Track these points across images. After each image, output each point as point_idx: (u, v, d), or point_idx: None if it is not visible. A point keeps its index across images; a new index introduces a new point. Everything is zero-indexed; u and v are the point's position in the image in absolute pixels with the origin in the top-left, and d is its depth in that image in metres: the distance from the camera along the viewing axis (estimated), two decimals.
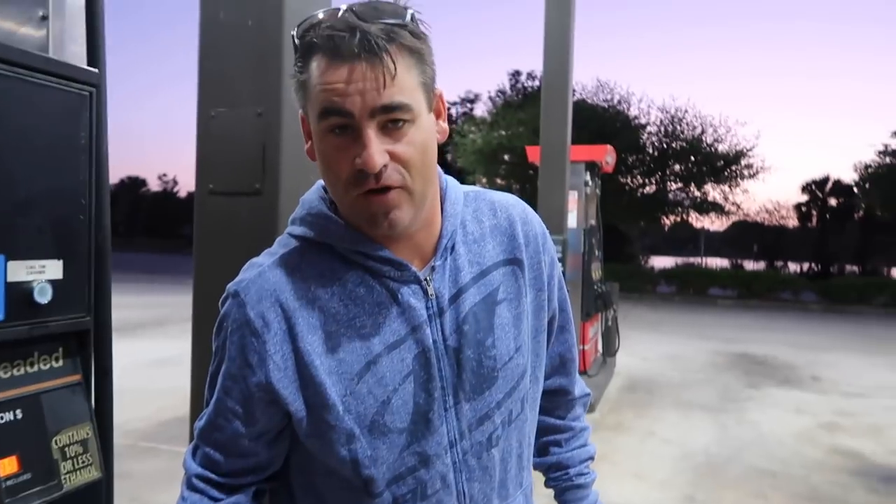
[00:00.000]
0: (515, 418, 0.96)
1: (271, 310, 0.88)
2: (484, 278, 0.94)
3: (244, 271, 0.93)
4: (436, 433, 0.89)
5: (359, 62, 0.78)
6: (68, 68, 1.01)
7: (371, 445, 0.87)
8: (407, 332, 0.88)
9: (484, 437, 0.92)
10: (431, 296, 0.90)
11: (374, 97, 0.79)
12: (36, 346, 0.98)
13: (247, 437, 0.92)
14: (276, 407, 0.89)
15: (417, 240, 0.91)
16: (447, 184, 0.97)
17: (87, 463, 1.03)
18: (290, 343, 0.87)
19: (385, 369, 0.87)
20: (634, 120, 22.50)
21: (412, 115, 0.82)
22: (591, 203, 8.03)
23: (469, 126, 24.33)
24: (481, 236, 0.96)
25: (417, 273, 0.90)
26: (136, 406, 5.93)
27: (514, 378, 0.94)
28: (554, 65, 6.64)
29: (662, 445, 5.31)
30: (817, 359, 9.57)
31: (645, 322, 13.30)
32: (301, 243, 0.92)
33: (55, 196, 1.00)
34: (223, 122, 1.86)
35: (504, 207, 1.01)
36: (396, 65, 0.79)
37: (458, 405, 0.90)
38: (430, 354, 0.89)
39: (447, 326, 0.90)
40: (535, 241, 1.01)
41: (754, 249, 32.76)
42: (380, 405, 0.87)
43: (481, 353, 0.91)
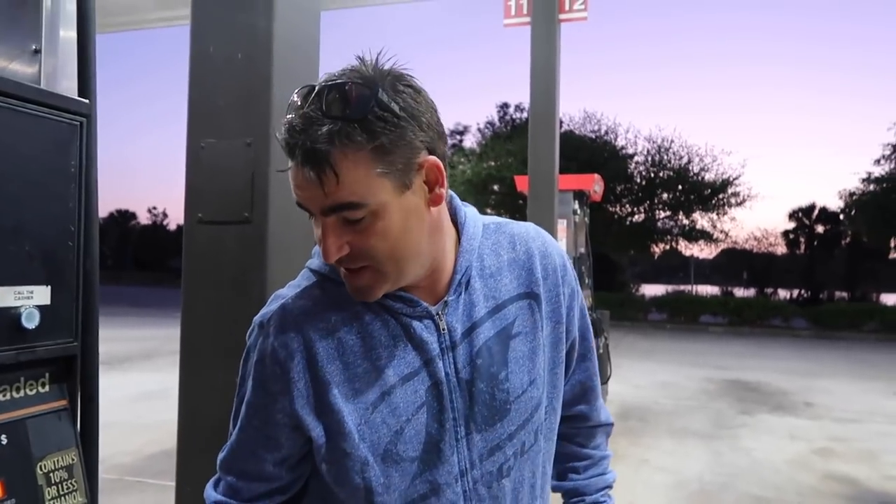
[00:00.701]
0: (528, 449, 0.98)
1: (294, 340, 0.91)
2: (499, 312, 0.96)
3: (268, 304, 0.97)
4: (446, 462, 0.91)
5: (304, 168, 0.81)
6: (59, 98, 1.03)
7: (384, 473, 0.90)
8: (420, 364, 0.92)
9: (495, 467, 0.94)
10: (444, 330, 0.93)
11: (322, 199, 0.82)
12: (22, 371, 0.98)
13: (271, 462, 0.96)
14: (299, 432, 0.92)
15: (430, 280, 0.94)
16: (466, 218, 0.99)
17: (73, 489, 1.02)
18: (311, 371, 0.91)
19: (399, 400, 0.90)
20: (622, 150, 22.78)
21: (370, 209, 0.83)
22: (580, 231, 8.09)
23: (459, 157, 24.54)
24: (498, 270, 0.98)
25: (429, 308, 0.93)
26: (123, 440, 5.85)
27: (527, 411, 0.96)
28: (541, 95, 6.74)
29: (656, 473, 5.27)
30: (810, 385, 9.58)
31: (637, 350, 13.29)
32: (319, 277, 0.96)
33: (44, 223, 1.01)
34: (212, 153, 1.88)
35: (524, 241, 1.02)
36: (339, 169, 0.80)
37: (470, 436, 0.92)
38: (442, 387, 0.92)
39: (460, 359, 0.93)
40: (553, 274, 1.02)
41: (744, 276, 32.92)
42: (393, 434, 0.90)
43: (494, 385, 0.93)
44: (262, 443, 0.95)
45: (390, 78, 0.84)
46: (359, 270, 0.87)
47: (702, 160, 22.02)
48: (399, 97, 0.83)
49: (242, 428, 0.97)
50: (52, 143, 1.02)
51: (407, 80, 0.86)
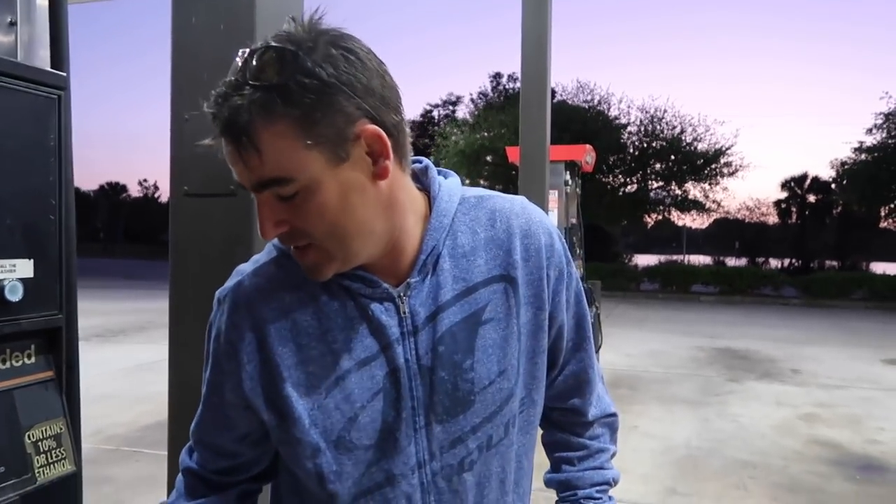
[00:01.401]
0: (497, 443, 0.91)
1: (246, 319, 0.88)
2: (469, 296, 0.89)
3: (230, 279, 0.93)
4: (402, 453, 0.87)
5: (227, 142, 0.76)
6: (36, 72, 1.03)
7: (336, 461, 0.86)
8: (378, 349, 0.86)
9: (455, 460, 0.89)
10: (405, 314, 0.87)
11: (249, 175, 0.77)
12: (8, 343, 1.00)
13: (230, 439, 0.94)
14: (251, 412, 0.90)
15: (390, 259, 0.88)
16: (440, 191, 0.91)
17: (61, 457, 1.05)
18: (262, 353, 0.87)
19: (353, 385, 0.86)
20: (615, 120, 22.69)
21: (299, 184, 0.77)
22: (572, 202, 8.09)
23: (451, 128, 24.40)
24: (472, 250, 0.90)
25: (390, 290, 0.87)
26: (118, 411, 5.91)
27: (495, 402, 0.90)
28: (532, 65, 6.69)
29: (645, 440, 5.37)
30: (797, 352, 9.71)
31: (628, 319, 13.40)
32: (281, 253, 0.91)
33: (25, 197, 1.01)
34: (197, 125, 1.87)
35: (505, 217, 0.92)
36: (260, 142, 0.74)
37: (429, 426, 0.87)
38: (400, 374, 0.86)
39: (422, 346, 0.87)
40: (537, 256, 0.92)
41: (736, 246, 33.09)
42: (346, 421, 0.86)
43: (457, 375, 0.87)
44: (220, 420, 0.93)
45: (324, 40, 0.76)
46: (304, 248, 0.82)
47: (695, 130, 22.02)
48: (330, 61, 0.75)
49: (204, 403, 0.95)
50: (31, 116, 1.02)
51: (344, 42, 0.77)
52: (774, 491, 4.36)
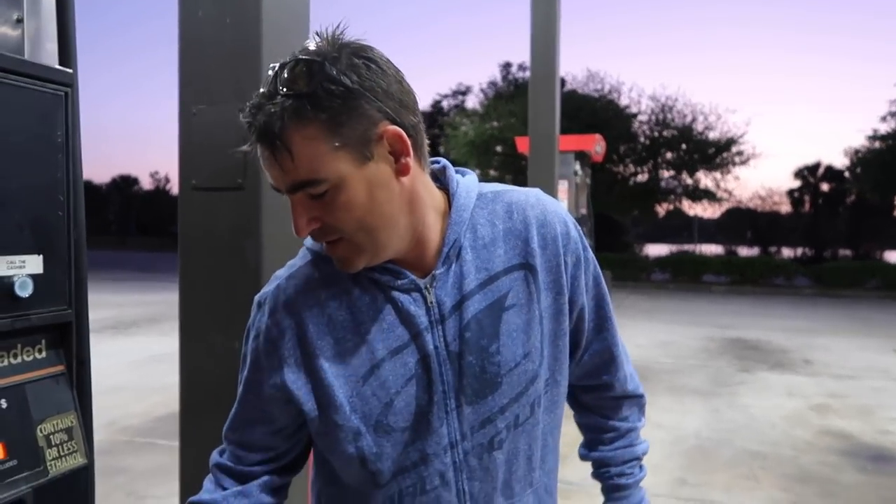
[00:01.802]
0: (524, 422, 0.97)
1: (286, 318, 0.95)
2: (491, 284, 0.95)
3: (267, 285, 1.00)
4: (435, 433, 0.93)
5: (263, 148, 0.84)
6: (44, 70, 1.04)
7: (376, 443, 0.93)
8: (409, 338, 0.92)
9: (486, 439, 0.95)
10: (432, 304, 0.93)
11: (283, 178, 0.85)
12: (19, 338, 1.01)
13: (267, 433, 1.00)
14: (291, 406, 0.95)
15: (415, 253, 0.94)
16: (458, 188, 0.98)
17: (73, 450, 1.06)
18: (302, 347, 0.94)
19: (388, 373, 0.92)
20: (625, 109, 22.55)
21: (329, 184, 0.84)
22: (582, 192, 8.09)
23: (461, 118, 24.35)
24: (492, 241, 0.97)
25: (417, 281, 0.93)
26: (131, 402, 5.97)
27: (521, 383, 0.96)
28: (541, 54, 6.66)
29: (655, 430, 5.36)
30: (809, 342, 9.66)
31: (639, 310, 13.37)
32: (314, 255, 0.98)
33: (34, 193, 1.02)
34: (205, 119, 1.88)
35: (521, 209, 0.99)
36: (292, 147, 0.82)
37: (460, 408, 0.93)
38: (430, 360, 0.92)
39: (449, 333, 0.93)
40: (553, 244, 0.98)
41: (748, 236, 32.91)
42: (383, 406, 0.92)
43: (484, 358, 0.93)
44: (257, 416, 0.99)
45: (347, 51, 0.84)
46: (335, 242, 0.89)
47: (706, 119, 21.84)
48: (352, 70, 0.82)
49: (240, 402, 1.01)
50: (38, 113, 1.03)
51: (365, 53, 0.85)
52: (785, 481, 4.36)
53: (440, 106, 36.45)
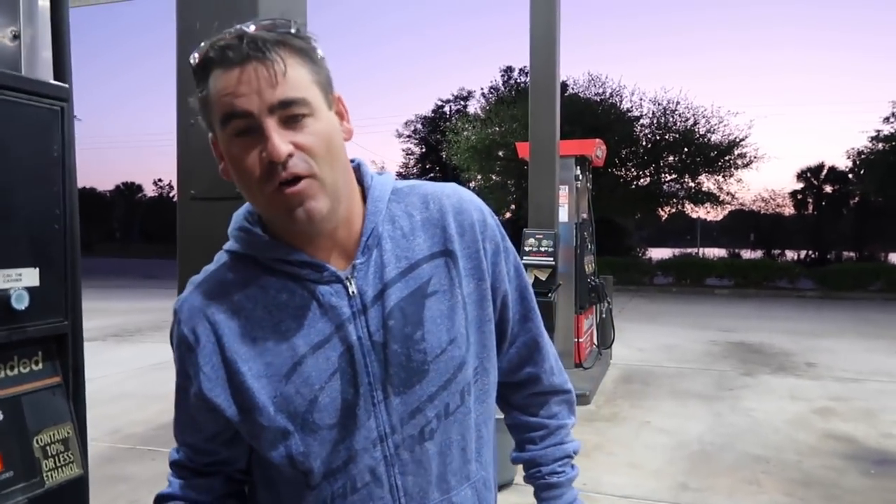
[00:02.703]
0: (454, 411, 0.96)
1: (200, 325, 0.93)
2: (413, 272, 0.94)
3: (185, 290, 0.99)
4: (363, 427, 0.91)
5: (249, 63, 0.82)
6: (40, 85, 1.06)
7: (304, 442, 0.91)
8: (331, 331, 0.91)
9: (416, 430, 0.93)
10: (354, 294, 0.92)
11: (269, 94, 0.83)
12: (15, 350, 1.03)
13: (202, 439, 0.99)
14: (216, 414, 0.93)
15: (337, 238, 0.93)
16: (373, 181, 0.99)
17: (69, 461, 1.07)
18: (220, 354, 0.92)
19: (311, 369, 0.90)
20: (627, 113, 22.56)
21: (310, 109, 0.85)
22: (583, 197, 8.08)
23: (462, 123, 24.37)
24: (411, 230, 0.97)
25: (337, 272, 0.92)
26: (134, 410, 5.98)
27: (448, 370, 0.94)
28: (541, 59, 6.69)
29: (657, 435, 5.36)
30: (813, 345, 9.63)
31: (642, 314, 13.36)
32: (230, 256, 0.97)
33: (31, 207, 1.04)
34: (202, 130, 1.89)
35: (437, 199, 1.00)
36: (286, 62, 0.83)
37: (388, 400, 0.92)
38: (354, 351, 0.91)
39: (372, 323, 0.92)
40: (471, 230, 0.99)
41: (751, 238, 32.84)
42: (308, 403, 0.90)
43: (409, 346, 0.92)
44: (189, 422, 0.99)
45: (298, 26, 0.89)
46: (297, 182, 0.85)
47: (708, 122, 21.81)
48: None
49: (176, 406, 1.00)
50: (35, 128, 1.04)
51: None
52: (788, 486, 4.34)
53: (442, 111, 36.54)
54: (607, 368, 7.80)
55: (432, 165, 36.92)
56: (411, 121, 39.00)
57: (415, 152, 38.37)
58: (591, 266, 8.05)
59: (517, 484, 4.02)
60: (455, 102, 36.43)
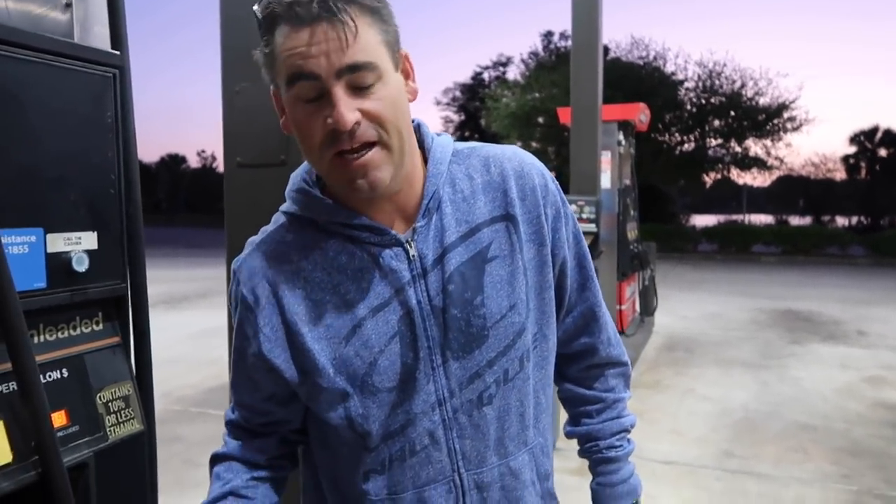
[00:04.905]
0: (513, 377, 0.95)
1: (260, 285, 0.93)
2: (473, 236, 0.93)
3: (243, 250, 0.99)
4: (422, 391, 0.91)
5: (319, 24, 0.79)
6: (92, 52, 1.07)
7: (363, 404, 0.91)
8: (391, 294, 0.90)
9: (475, 395, 0.93)
10: (413, 257, 0.91)
11: (339, 57, 0.79)
12: (77, 311, 1.07)
13: (259, 399, 1.00)
14: (275, 374, 0.94)
15: (399, 202, 0.92)
16: (433, 142, 0.97)
17: (130, 417, 1.11)
18: (279, 315, 0.92)
19: (370, 332, 0.90)
20: (671, 76, 21.96)
21: (379, 74, 0.82)
22: (626, 163, 7.94)
23: (502, 90, 24.08)
24: (472, 194, 0.95)
25: (398, 236, 0.91)
26: (185, 374, 6.18)
27: (508, 336, 0.93)
28: (583, 22, 6.52)
29: (701, 403, 5.32)
30: (864, 313, 9.38)
31: (685, 281, 13.16)
32: (288, 218, 0.97)
33: (86, 173, 1.06)
34: (247, 97, 1.92)
35: (498, 162, 0.98)
36: (357, 23, 0.79)
37: (447, 364, 0.91)
38: (414, 315, 0.90)
39: (432, 287, 0.91)
40: (532, 194, 0.97)
41: (800, 204, 31.92)
42: (367, 366, 0.90)
43: (469, 311, 0.91)
44: (246, 383, 0.99)
45: None
46: (363, 152, 0.84)
47: (756, 84, 21.10)
48: None
49: (233, 367, 1.01)
50: (88, 95, 1.07)
51: None
52: (836, 455, 4.28)
53: (481, 78, 36.11)
54: (650, 336, 7.74)
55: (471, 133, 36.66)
56: (450, 88, 38.75)
57: (454, 120, 38.15)
58: (634, 233, 7.94)
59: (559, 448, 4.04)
60: (494, 69, 35.94)
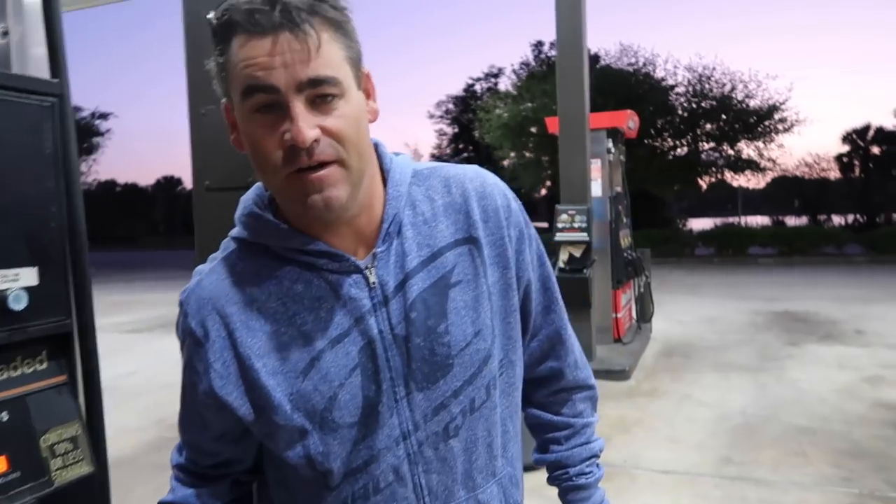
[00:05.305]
0: (480, 406, 0.91)
1: (209, 318, 0.88)
2: (435, 261, 0.89)
3: (191, 280, 0.93)
4: (385, 425, 0.87)
5: (282, 33, 0.75)
6: (28, 81, 1.04)
7: (323, 441, 0.86)
8: (351, 324, 0.86)
9: (440, 426, 0.88)
10: (374, 285, 0.86)
11: (300, 70, 0.75)
12: (17, 350, 1.03)
13: (208, 438, 0.95)
14: (227, 412, 0.89)
15: (357, 226, 0.88)
16: (392, 163, 0.92)
17: (78, 459, 1.07)
18: (231, 349, 0.87)
19: (329, 364, 0.85)
20: (661, 82, 22.05)
21: (341, 89, 0.78)
22: (616, 170, 7.93)
23: (494, 101, 24.14)
24: (433, 216, 0.91)
25: (357, 262, 0.86)
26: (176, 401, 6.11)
27: (474, 364, 0.89)
28: (567, 31, 6.54)
29: (699, 408, 5.26)
30: (862, 312, 9.34)
31: (683, 286, 13.13)
32: (238, 244, 0.91)
33: (24, 205, 1.03)
34: (214, 120, 1.88)
35: (459, 183, 0.93)
36: (320, 36, 0.76)
37: (411, 395, 0.87)
38: (375, 345, 0.86)
39: (394, 315, 0.86)
40: (495, 215, 0.93)
41: (795, 205, 31.96)
42: (327, 401, 0.85)
43: (433, 340, 0.87)
44: (196, 420, 0.94)
45: None
46: (320, 168, 0.79)
47: (746, 87, 21.21)
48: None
49: (182, 403, 0.95)
50: (24, 125, 1.03)
51: None
52: (836, 457, 4.22)
53: (473, 90, 36.25)
54: (647, 343, 7.69)
55: (465, 145, 36.75)
56: (443, 101, 38.88)
57: (447, 132, 38.25)
58: (627, 240, 7.92)
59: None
60: (486, 80, 36.09)
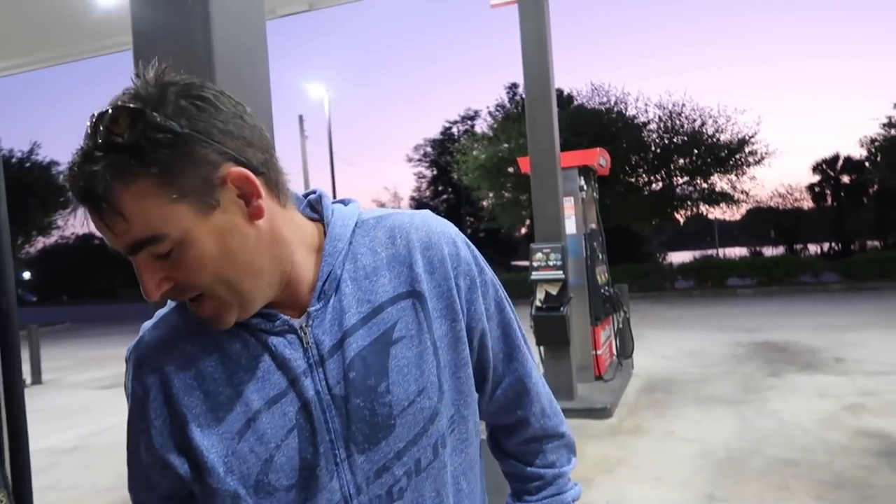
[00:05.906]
0: (427, 466, 0.88)
1: (149, 375, 0.87)
2: (376, 317, 0.87)
3: (137, 336, 0.92)
4: (325, 489, 0.84)
5: (90, 211, 0.75)
6: None
7: None
8: (286, 385, 0.84)
9: (383, 490, 0.86)
10: (309, 345, 0.85)
11: (120, 240, 0.76)
12: None
13: (155, 497, 0.93)
14: (170, 471, 0.87)
15: (289, 287, 0.86)
16: (333, 216, 0.91)
17: None
18: (169, 407, 0.86)
19: (266, 426, 0.83)
20: (633, 119, 22.47)
21: (173, 240, 0.76)
22: (590, 207, 8.00)
23: (470, 143, 24.41)
24: (374, 270, 0.88)
25: (290, 322, 0.85)
26: None
27: (418, 423, 0.86)
28: (534, 74, 6.65)
29: (682, 444, 5.22)
30: (840, 340, 9.39)
31: (664, 319, 13.16)
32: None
33: None
34: None
35: (404, 233, 0.91)
36: (122, 206, 0.73)
37: (351, 458, 0.85)
38: (312, 407, 0.84)
39: (331, 375, 0.84)
40: (442, 266, 0.90)
41: (772, 235, 32.39)
42: (262, 463, 0.83)
43: (373, 400, 0.84)
44: (142, 479, 0.92)
45: (173, 91, 0.75)
46: (197, 300, 0.80)
47: (715, 121, 21.64)
48: (181, 113, 0.74)
49: (128, 463, 0.93)
50: None
51: (194, 91, 0.76)
52: (819, 489, 4.19)
53: (450, 132, 36.68)
54: (629, 378, 7.66)
55: (444, 187, 37.00)
56: (420, 144, 39.27)
57: (426, 175, 38.52)
58: (605, 276, 7.94)
59: None
60: (462, 123, 36.57)
